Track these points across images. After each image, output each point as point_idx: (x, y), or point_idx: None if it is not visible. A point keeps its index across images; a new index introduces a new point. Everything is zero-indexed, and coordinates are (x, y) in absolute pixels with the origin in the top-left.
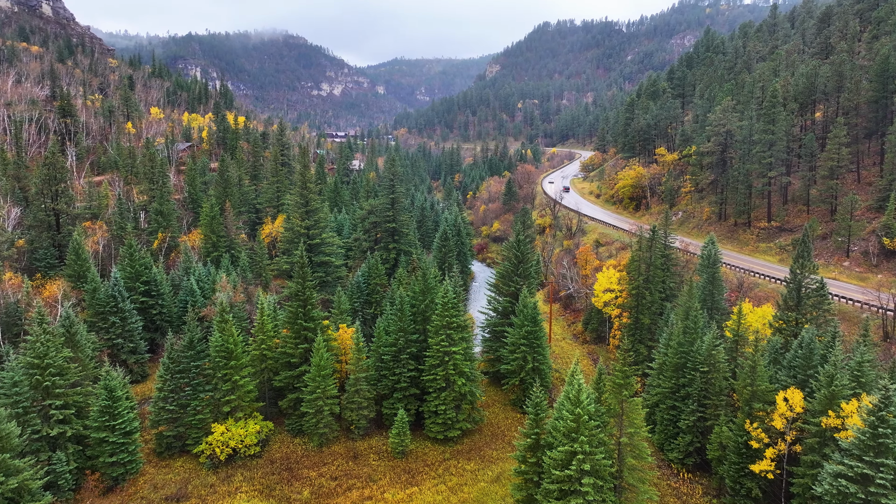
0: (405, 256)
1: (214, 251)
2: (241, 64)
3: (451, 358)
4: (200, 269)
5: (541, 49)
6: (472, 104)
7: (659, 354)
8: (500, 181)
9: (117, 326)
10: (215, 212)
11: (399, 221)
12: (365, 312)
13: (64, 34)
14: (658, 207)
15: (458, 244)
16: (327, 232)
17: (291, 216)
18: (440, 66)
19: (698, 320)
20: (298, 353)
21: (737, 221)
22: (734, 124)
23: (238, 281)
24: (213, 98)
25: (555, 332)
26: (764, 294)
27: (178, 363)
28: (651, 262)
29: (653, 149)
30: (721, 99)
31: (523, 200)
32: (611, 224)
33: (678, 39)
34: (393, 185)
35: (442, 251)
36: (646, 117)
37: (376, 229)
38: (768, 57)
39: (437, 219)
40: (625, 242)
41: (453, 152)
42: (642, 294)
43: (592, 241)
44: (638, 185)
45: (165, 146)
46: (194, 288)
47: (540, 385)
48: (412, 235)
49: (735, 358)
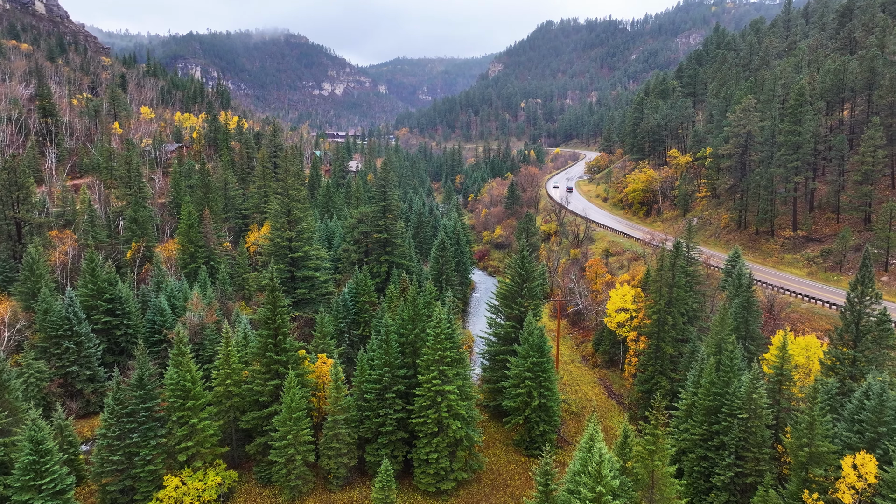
0: (398, 270)
1: (192, 262)
2: (242, 63)
3: (444, 398)
4: (172, 284)
5: (544, 48)
6: (474, 104)
7: (686, 393)
8: (502, 183)
9: (72, 352)
10: (193, 219)
11: (391, 231)
12: (352, 334)
13: (57, 32)
14: (670, 213)
15: (458, 253)
16: (312, 243)
17: (273, 226)
18: (442, 66)
19: (734, 356)
20: (268, 390)
21: (758, 230)
22: (755, 125)
23: (214, 296)
24: (208, 97)
25: (562, 354)
26: (798, 315)
27: (125, 404)
28: (674, 283)
29: (663, 150)
30: (739, 97)
31: (527, 204)
32: (621, 231)
33: (683, 38)
34: (385, 191)
35: (439, 262)
36: (655, 117)
37: (366, 240)
38: (786, 53)
39: (437, 224)
40: (637, 252)
41: (454, 153)
42: (664, 319)
43: (601, 249)
44: (649, 189)
45: (153, 147)
46: (163, 306)
47: (548, 426)
48: (406, 246)
49: (779, 401)
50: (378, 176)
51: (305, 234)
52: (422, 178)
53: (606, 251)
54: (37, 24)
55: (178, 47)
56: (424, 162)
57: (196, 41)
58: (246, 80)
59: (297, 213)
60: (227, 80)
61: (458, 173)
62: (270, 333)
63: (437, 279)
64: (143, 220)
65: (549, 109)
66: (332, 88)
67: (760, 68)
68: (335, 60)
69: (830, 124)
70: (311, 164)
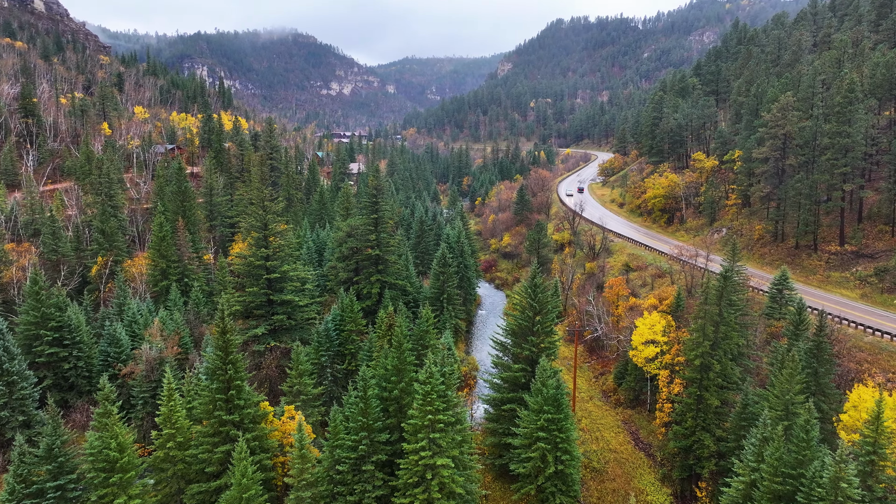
0: (392, 291)
1: (163, 279)
2: (249, 63)
3: (436, 475)
4: (133, 307)
5: (554, 47)
6: (482, 103)
7: (744, 468)
8: (511, 187)
9: (2, 394)
10: (166, 230)
11: (384, 247)
12: (335, 369)
13: (55, 30)
14: (695, 221)
15: (461, 267)
16: (294, 262)
17: (247, 242)
18: (451, 65)
19: (811, 428)
20: (216, 458)
21: (799, 243)
22: (795, 125)
23: (184, 321)
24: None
25: (579, 388)
26: (864, 354)
27: (28, 482)
28: (721, 319)
29: (684, 152)
30: (773, 95)
31: (537, 210)
32: (642, 243)
33: (697, 36)
34: (376, 201)
35: (440, 279)
36: (675, 117)
37: (356, 256)
38: (820, 47)
39: (440, 231)
40: (661, 268)
41: (462, 154)
42: (708, 364)
43: (621, 263)
44: (671, 196)
45: (142, 149)
46: (118, 335)
47: (566, 497)
48: (402, 263)
49: (871, 487)
50: (369, 184)
51: (284, 251)
52: (427, 181)
53: (627, 266)
54: (35, 21)
55: (184, 47)
56: (430, 163)
57: (203, 41)
58: (253, 80)
59: (274, 227)
60: (235, 80)
61: (465, 175)
62: (220, 387)
63: (438, 298)
64: (112, 231)
65: (560, 109)
66: (340, 88)
67: (792, 63)
68: (343, 60)
69: (882, 124)
70: (308, 167)
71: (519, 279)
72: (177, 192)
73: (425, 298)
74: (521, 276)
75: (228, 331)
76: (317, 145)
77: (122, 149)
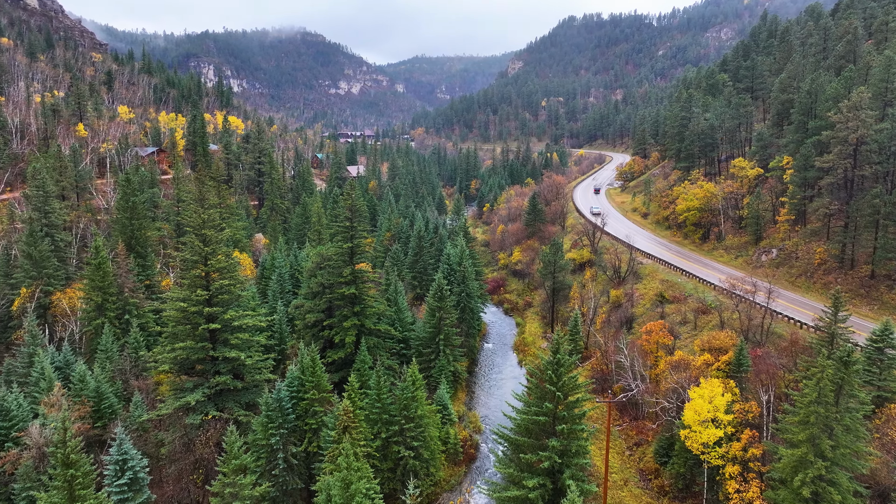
0: (370, 339)
1: (98, 317)
2: (257, 62)
3: None
4: (42, 359)
5: (566, 44)
6: (492, 102)
7: None
8: (521, 192)
9: None
10: (102, 257)
11: (361, 285)
12: (289, 454)
13: (48, 27)
14: (736, 239)
15: (464, 296)
16: (238, 309)
17: (182, 282)
18: (461, 64)
19: None
20: None
21: (875, 272)
22: (871, 128)
23: (109, 377)
24: (208, 96)
25: (610, 465)
26: None
27: None
28: (840, 418)
29: (716, 157)
30: (834, 91)
31: (551, 220)
32: (678, 267)
33: (714, 32)
34: (352, 226)
35: (436, 315)
36: (707, 117)
37: (327, 294)
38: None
39: (442, 246)
40: (705, 300)
41: (470, 155)
42: (822, 493)
43: (653, 292)
44: (706, 208)
45: (117, 152)
46: (8, 404)
47: None
48: (384, 304)
49: None
50: (344, 202)
51: (232, 291)
52: (433, 185)
53: (661, 296)
54: (27, 18)
55: (191, 46)
56: (437, 165)
57: (210, 40)
58: (261, 80)
59: (217, 262)
60: (242, 80)
61: (473, 178)
62: None
63: (433, 339)
64: (43, 255)
65: (572, 108)
66: (348, 87)
67: (846, 55)
68: (352, 59)
69: None
70: (297, 170)
71: (531, 303)
72: (124, 208)
73: (418, 342)
74: (533, 299)
75: (74, 464)
76: (317, 146)
77: (95, 152)
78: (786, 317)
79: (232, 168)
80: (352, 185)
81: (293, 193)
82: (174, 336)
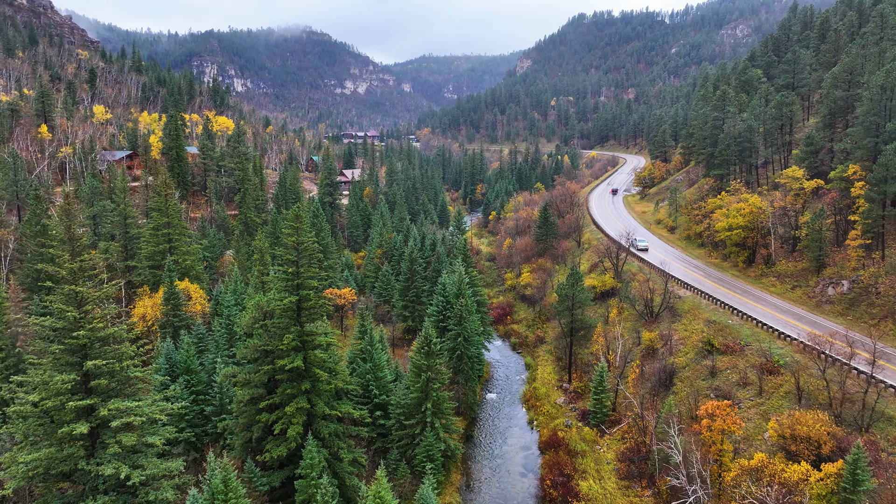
0: (326, 425)
1: None
2: (262, 61)
3: None
4: None
5: (576, 43)
6: (500, 102)
7: None
8: (530, 200)
9: None
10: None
11: (311, 353)
12: None
13: (36, 23)
14: (791, 264)
15: (461, 341)
16: (131, 399)
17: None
18: (469, 63)
19: None
20: None
21: None
22: None
23: None
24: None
25: None
26: None
27: None
28: None
29: (753, 165)
30: None
31: (565, 234)
32: (728, 305)
33: (729, 30)
34: (298, 272)
35: (422, 376)
36: (743, 117)
37: (267, 365)
38: None
39: (440, 267)
40: (769, 355)
41: (476, 158)
42: None
43: (697, 337)
44: (752, 226)
45: (79, 157)
46: None
47: None
48: (345, 376)
49: None
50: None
51: (114, 374)
52: (435, 190)
53: (708, 343)
54: (13, 14)
55: (195, 45)
56: (441, 168)
57: (214, 38)
58: (266, 79)
59: (94, 324)
60: (247, 79)
61: (479, 181)
62: None
63: (418, 408)
64: None
65: (582, 108)
66: (354, 87)
67: None
68: (358, 58)
69: None
70: (281, 176)
71: (543, 338)
72: (32, 233)
73: (399, 409)
74: (545, 333)
75: None
76: (313, 148)
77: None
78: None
79: (210, 173)
80: (297, 211)
81: (277, 203)
82: (30, 440)
